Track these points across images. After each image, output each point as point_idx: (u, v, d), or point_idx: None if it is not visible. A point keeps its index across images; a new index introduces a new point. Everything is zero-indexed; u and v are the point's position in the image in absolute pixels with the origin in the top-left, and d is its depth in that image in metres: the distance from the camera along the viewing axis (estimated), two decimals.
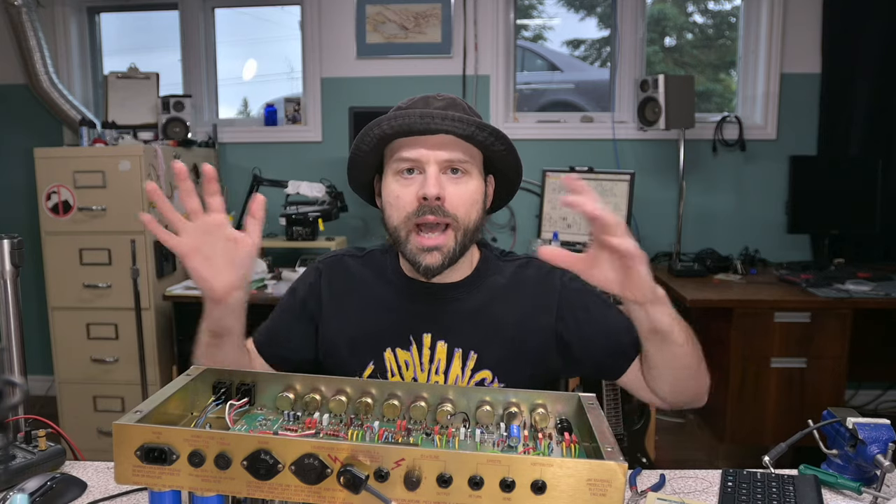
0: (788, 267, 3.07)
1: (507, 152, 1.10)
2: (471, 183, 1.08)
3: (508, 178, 1.17)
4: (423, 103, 1.09)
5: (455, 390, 0.90)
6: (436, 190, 1.03)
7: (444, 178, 1.06)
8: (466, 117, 1.05)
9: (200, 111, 3.53)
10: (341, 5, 3.35)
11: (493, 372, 1.13)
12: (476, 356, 1.13)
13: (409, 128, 1.04)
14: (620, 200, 2.98)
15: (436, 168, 1.05)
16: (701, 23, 3.63)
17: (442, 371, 1.14)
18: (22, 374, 1.26)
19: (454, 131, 1.03)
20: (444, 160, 1.05)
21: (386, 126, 1.05)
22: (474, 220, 1.09)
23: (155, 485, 0.73)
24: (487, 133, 1.05)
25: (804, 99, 3.24)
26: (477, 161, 1.10)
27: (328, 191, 3.12)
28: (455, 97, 1.12)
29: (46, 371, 3.09)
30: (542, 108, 3.62)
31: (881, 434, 0.98)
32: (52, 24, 3.40)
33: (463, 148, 1.06)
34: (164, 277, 2.90)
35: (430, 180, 1.04)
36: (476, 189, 1.09)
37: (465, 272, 1.16)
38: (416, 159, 1.06)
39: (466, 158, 1.07)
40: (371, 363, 1.15)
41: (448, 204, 1.05)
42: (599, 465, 0.69)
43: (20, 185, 3.49)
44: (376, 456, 0.70)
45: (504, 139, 1.08)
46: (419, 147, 1.05)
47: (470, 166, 1.08)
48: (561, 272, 1.16)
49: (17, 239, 1.24)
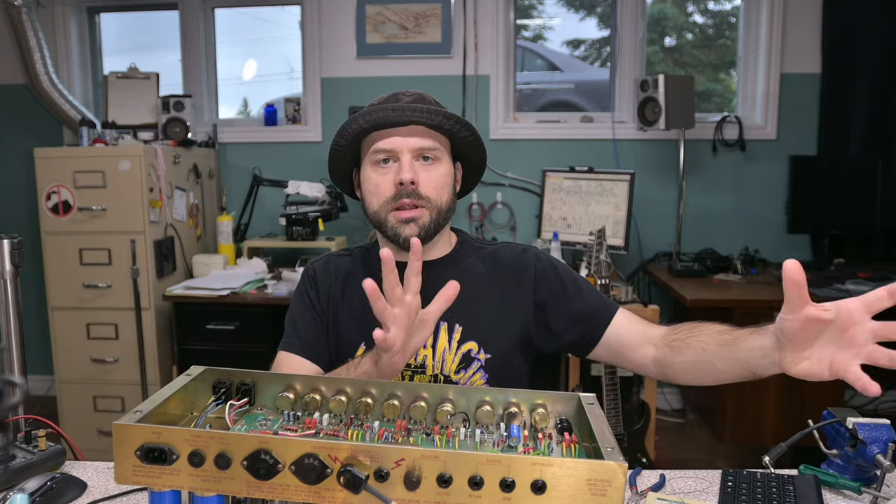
0: None
1: (473, 138, 1.21)
2: (441, 168, 1.19)
3: (475, 164, 1.29)
4: (393, 99, 1.20)
5: (455, 390, 0.90)
6: (410, 175, 1.15)
7: (416, 165, 1.17)
8: (434, 108, 1.16)
9: (200, 111, 3.53)
10: (341, 5, 3.35)
11: (478, 343, 1.20)
12: (461, 329, 1.20)
13: (384, 121, 1.15)
14: (620, 200, 2.98)
15: (409, 156, 1.16)
16: (701, 23, 3.63)
17: (430, 345, 1.19)
18: (22, 374, 1.26)
19: (423, 121, 1.15)
20: (415, 148, 1.17)
21: (362, 121, 1.16)
22: (446, 201, 1.20)
23: (155, 485, 0.73)
24: (453, 122, 1.17)
25: (804, 99, 3.24)
26: (445, 148, 1.21)
27: (328, 191, 3.13)
28: (422, 93, 1.23)
29: (46, 371, 3.09)
30: (542, 108, 3.62)
31: (881, 434, 0.98)
32: (52, 24, 3.40)
33: (432, 136, 1.18)
34: (164, 277, 2.90)
35: (404, 166, 1.15)
36: (446, 173, 1.20)
37: (445, 250, 1.27)
38: (391, 149, 1.17)
39: (436, 146, 1.18)
40: (362, 344, 1.21)
41: (422, 187, 1.16)
42: (599, 465, 0.69)
43: (20, 185, 3.49)
44: (376, 456, 0.70)
45: (468, 126, 1.20)
46: (393, 137, 1.16)
47: (440, 153, 1.19)
48: (535, 251, 1.28)
49: (17, 239, 1.24)
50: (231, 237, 3.21)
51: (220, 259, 3.08)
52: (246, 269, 3.04)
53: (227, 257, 3.14)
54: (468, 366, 1.19)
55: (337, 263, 1.30)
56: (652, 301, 3.16)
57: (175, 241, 3.01)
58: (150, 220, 2.79)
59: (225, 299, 2.72)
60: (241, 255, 3.19)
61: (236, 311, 2.75)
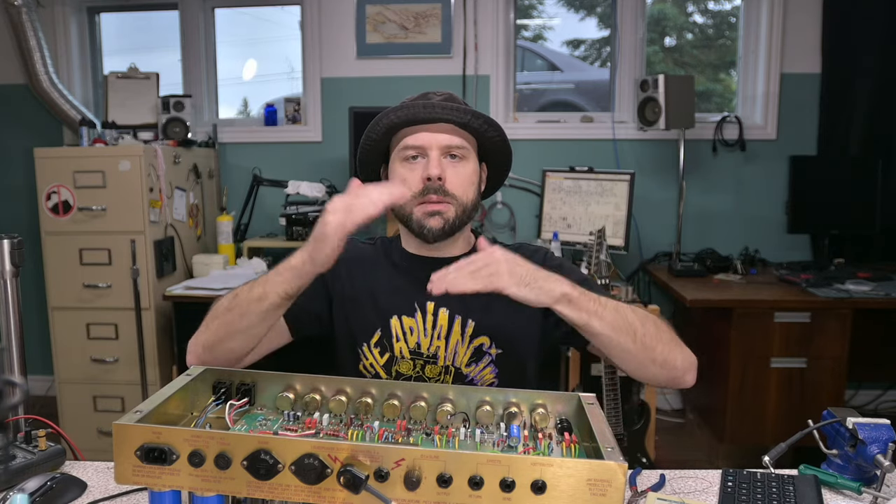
0: (788, 267, 3.07)
1: (500, 139, 1.24)
2: (468, 166, 1.21)
3: (499, 166, 1.31)
4: (424, 97, 1.22)
5: (455, 390, 0.90)
6: (437, 171, 1.17)
7: (444, 162, 1.19)
8: (463, 107, 1.19)
9: (200, 111, 3.53)
10: (341, 5, 3.35)
11: (490, 338, 1.22)
12: (473, 323, 1.22)
13: (415, 117, 1.18)
14: (620, 200, 2.98)
15: (437, 152, 1.18)
16: (701, 23, 3.63)
17: (443, 336, 1.22)
18: (22, 374, 1.26)
19: (453, 119, 1.18)
20: (444, 146, 1.19)
21: (393, 116, 1.19)
22: (471, 199, 1.22)
23: (155, 485, 0.73)
24: (482, 121, 1.20)
25: (804, 99, 3.24)
26: (473, 148, 1.23)
27: (328, 191, 3.13)
28: (453, 93, 1.25)
29: (46, 371, 3.09)
30: (542, 108, 3.62)
31: (881, 434, 0.98)
32: (52, 24, 3.40)
33: (460, 135, 1.20)
34: (164, 277, 2.90)
35: (432, 162, 1.17)
36: (472, 172, 1.22)
37: (464, 249, 1.29)
38: (420, 146, 1.19)
39: (464, 144, 1.20)
40: (378, 330, 1.23)
41: (448, 184, 1.18)
42: (599, 465, 0.69)
43: (20, 185, 3.49)
44: (376, 456, 0.70)
45: (497, 127, 1.22)
46: (423, 133, 1.19)
47: (467, 151, 1.21)
48: (545, 251, 1.32)
49: (17, 239, 1.24)
50: (231, 237, 3.21)
51: (220, 259, 3.08)
52: (246, 269, 3.04)
53: (227, 257, 3.14)
54: (479, 359, 1.21)
55: (357, 247, 1.33)
56: (652, 301, 3.16)
57: (175, 241, 3.01)
58: (150, 220, 2.79)
59: None
60: (241, 255, 3.19)
61: None
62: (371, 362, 1.23)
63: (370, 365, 1.23)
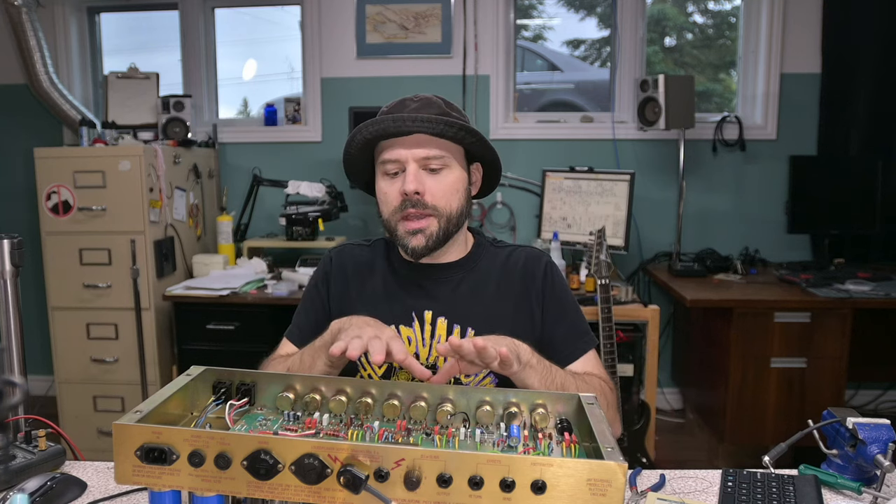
0: (788, 267, 3.07)
1: (479, 143, 1.19)
2: (450, 175, 1.19)
3: (492, 164, 1.27)
4: (399, 106, 1.19)
5: (455, 390, 0.90)
6: (413, 186, 1.15)
7: (423, 174, 1.17)
8: (435, 116, 1.14)
9: (200, 111, 3.53)
10: (341, 5, 3.35)
11: None
12: (472, 332, 1.21)
13: (385, 131, 1.15)
14: (620, 200, 2.98)
15: (415, 166, 1.16)
16: (701, 23, 3.63)
17: None
18: (22, 374, 1.26)
19: (424, 130, 1.14)
20: (421, 158, 1.16)
21: (366, 132, 1.17)
22: (456, 208, 1.19)
23: (155, 485, 0.73)
24: (456, 129, 1.15)
25: (804, 99, 3.24)
26: (455, 153, 1.20)
27: (328, 191, 3.13)
28: (431, 97, 1.21)
29: (46, 371, 3.09)
30: (542, 108, 3.61)
31: (881, 434, 0.98)
32: (52, 24, 3.40)
33: (438, 144, 1.17)
34: (164, 277, 2.89)
35: (408, 177, 1.15)
36: (456, 179, 1.19)
37: (461, 253, 1.28)
38: (397, 160, 1.17)
39: (442, 153, 1.17)
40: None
41: (428, 196, 1.16)
42: (599, 465, 0.69)
43: (20, 185, 3.49)
44: (376, 456, 0.70)
45: (473, 132, 1.17)
46: (398, 148, 1.16)
47: (448, 160, 1.18)
48: (547, 258, 1.30)
49: (17, 239, 1.24)
50: (231, 237, 3.21)
51: (220, 259, 3.08)
52: (246, 269, 3.04)
53: (227, 257, 3.14)
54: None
55: (353, 254, 1.32)
56: (652, 301, 3.16)
57: (175, 241, 3.01)
58: (150, 220, 2.79)
59: (225, 299, 2.72)
60: (241, 255, 3.19)
61: (236, 312, 2.75)
62: (369, 373, 1.23)
63: (368, 376, 1.23)
